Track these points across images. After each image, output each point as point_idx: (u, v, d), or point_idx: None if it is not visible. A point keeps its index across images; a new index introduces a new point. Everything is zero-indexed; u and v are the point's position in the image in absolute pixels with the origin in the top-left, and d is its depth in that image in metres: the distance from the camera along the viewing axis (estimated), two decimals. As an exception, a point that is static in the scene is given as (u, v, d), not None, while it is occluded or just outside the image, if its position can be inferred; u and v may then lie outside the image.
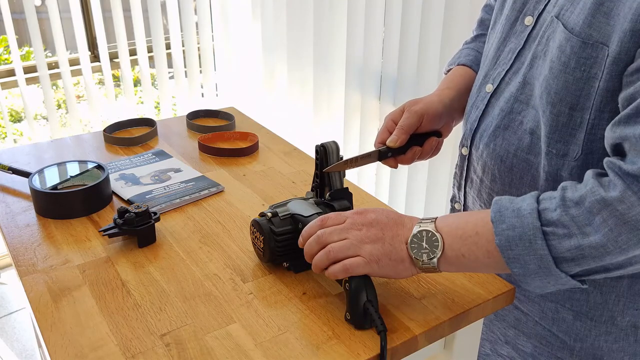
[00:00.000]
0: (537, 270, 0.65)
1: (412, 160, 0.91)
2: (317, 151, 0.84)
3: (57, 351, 0.68)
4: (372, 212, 0.73)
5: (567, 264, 0.65)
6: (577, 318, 0.84)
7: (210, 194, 1.05)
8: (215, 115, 1.42)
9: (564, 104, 0.73)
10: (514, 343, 0.92)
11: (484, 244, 0.68)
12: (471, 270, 0.71)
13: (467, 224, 0.69)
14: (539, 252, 0.65)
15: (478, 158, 0.88)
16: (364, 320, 0.71)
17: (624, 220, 0.61)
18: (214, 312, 0.75)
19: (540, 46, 0.78)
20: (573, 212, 0.64)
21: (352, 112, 2.13)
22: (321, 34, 2.15)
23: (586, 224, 0.63)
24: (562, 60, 0.72)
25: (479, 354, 0.98)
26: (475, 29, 1.05)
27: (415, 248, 0.70)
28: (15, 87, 2.42)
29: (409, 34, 1.78)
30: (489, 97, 0.86)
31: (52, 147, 1.24)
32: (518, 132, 0.81)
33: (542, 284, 0.67)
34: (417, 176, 1.92)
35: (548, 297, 0.86)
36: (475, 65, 0.98)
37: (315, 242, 0.72)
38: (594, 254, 0.63)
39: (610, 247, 0.62)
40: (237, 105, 2.68)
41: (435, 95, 0.93)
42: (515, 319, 0.91)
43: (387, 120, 0.91)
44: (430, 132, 0.91)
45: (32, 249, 0.88)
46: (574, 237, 0.64)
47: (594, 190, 0.64)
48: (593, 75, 0.70)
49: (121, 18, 2.45)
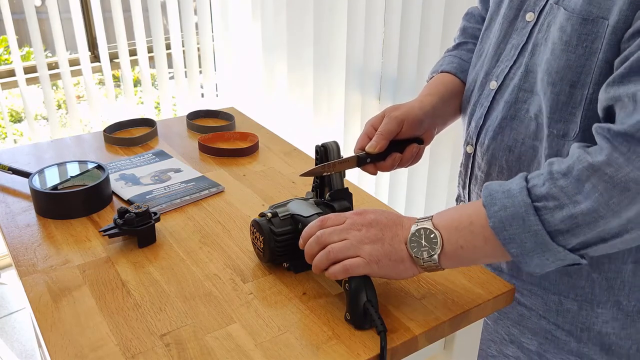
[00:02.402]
0: (534, 248, 0.65)
1: (392, 167, 0.90)
2: (317, 151, 0.84)
3: (57, 351, 0.68)
4: (371, 212, 0.73)
5: (563, 237, 0.65)
6: (582, 307, 0.84)
7: (211, 194, 1.05)
8: (216, 115, 1.42)
9: (565, 82, 0.74)
10: (519, 342, 0.92)
11: (479, 231, 0.68)
12: (472, 262, 0.71)
13: (461, 215, 0.70)
14: (533, 229, 0.65)
15: (483, 154, 0.88)
16: (363, 321, 0.71)
17: (613, 184, 0.62)
18: (214, 312, 0.75)
19: (541, 34, 0.79)
20: (561, 183, 0.64)
21: (352, 112, 2.13)
22: (321, 34, 2.15)
23: (576, 193, 0.63)
24: (564, 40, 0.73)
25: (485, 355, 0.98)
26: (457, 37, 1.05)
27: (415, 247, 0.70)
28: (16, 88, 2.42)
29: (409, 34, 1.78)
30: (494, 94, 0.86)
31: (52, 147, 1.24)
32: (525, 121, 0.82)
33: (541, 262, 0.67)
34: (417, 176, 1.92)
35: (551, 290, 0.86)
36: (459, 72, 0.99)
37: (315, 243, 0.72)
38: (587, 221, 0.63)
39: (602, 211, 0.62)
40: (237, 105, 2.68)
41: (417, 102, 0.93)
42: (519, 315, 0.91)
43: (367, 126, 0.90)
44: (411, 139, 0.90)
45: (32, 249, 0.88)
46: (565, 207, 0.64)
47: (581, 159, 0.64)
48: (594, 50, 0.71)
49: (121, 18, 2.45)
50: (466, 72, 0.98)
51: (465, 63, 0.99)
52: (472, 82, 0.94)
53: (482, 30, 0.96)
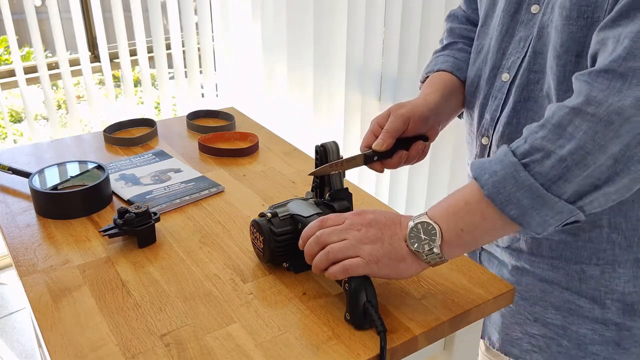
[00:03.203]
0: (532, 204, 0.66)
1: (399, 164, 0.91)
2: (317, 151, 0.84)
3: (57, 351, 0.68)
4: (370, 212, 0.73)
5: (556, 185, 0.65)
6: (604, 271, 0.85)
7: (211, 194, 1.05)
8: (216, 115, 1.42)
9: (570, 54, 0.75)
10: (544, 319, 0.93)
11: (476, 207, 0.68)
12: (476, 243, 0.71)
13: (455, 200, 0.71)
14: (526, 184, 0.65)
15: (498, 141, 0.89)
16: (363, 321, 0.71)
17: (596, 120, 0.63)
18: (214, 312, 0.75)
19: (546, 16, 0.80)
20: (541, 134, 0.66)
21: (352, 112, 2.13)
22: (321, 34, 2.15)
23: (558, 138, 0.65)
24: (564, 15, 0.74)
25: (510, 340, 0.99)
26: (445, 38, 1.06)
27: (414, 242, 0.70)
28: (16, 88, 2.42)
29: (409, 34, 1.78)
30: (509, 85, 0.87)
31: (52, 148, 1.24)
32: (539, 100, 0.83)
33: (541, 219, 0.67)
34: (418, 176, 1.92)
35: (573, 259, 0.87)
36: (455, 70, 0.99)
37: (315, 243, 0.73)
38: (576, 160, 0.64)
39: (589, 146, 0.63)
40: (237, 105, 2.68)
41: (421, 99, 0.94)
42: (541, 292, 0.92)
43: (373, 123, 0.91)
44: (416, 136, 0.91)
45: (32, 249, 0.88)
46: (552, 153, 0.65)
47: (559, 107, 0.66)
48: (596, 19, 0.72)
49: (121, 18, 2.45)
50: (462, 70, 0.99)
51: (460, 61, 1.00)
52: (476, 78, 0.94)
53: (472, 29, 0.98)
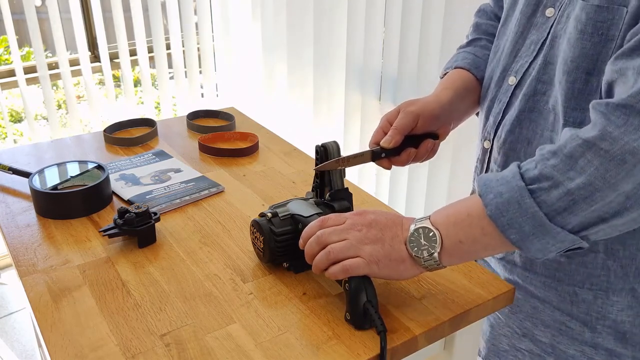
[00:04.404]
0: (533, 231, 0.65)
1: (407, 162, 0.90)
2: (317, 151, 0.84)
3: (57, 351, 0.68)
4: (371, 213, 0.73)
5: (561, 216, 0.64)
6: (597, 297, 0.84)
7: (211, 194, 1.05)
8: (216, 115, 1.42)
9: (581, 70, 0.74)
10: (532, 335, 0.92)
11: (477, 223, 0.68)
12: (474, 256, 0.71)
13: (458, 210, 0.70)
14: (529, 211, 0.64)
15: (500, 148, 0.88)
16: (363, 321, 0.71)
17: (609, 158, 0.61)
18: (214, 312, 0.75)
19: (560, 25, 0.79)
20: (552, 162, 0.64)
21: (352, 112, 2.13)
22: (321, 34, 2.15)
23: (568, 169, 0.63)
24: (579, 29, 0.73)
25: (497, 351, 0.98)
26: (470, 34, 1.05)
27: (414, 246, 0.70)
28: (16, 88, 2.42)
29: (409, 34, 1.78)
30: (513, 89, 0.86)
31: (52, 148, 1.24)
32: (544, 112, 0.81)
33: (541, 246, 0.66)
34: (418, 176, 1.92)
35: (565, 281, 0.86)
36: (473, 68, 0.98)
37: (315, 243, 0.72)
38: (584, 195, 0.62)
39: (598, 183, 0.62)
40: (237, 105, 2.68)
41: (433, 96, 0.93)
42: (532, 308, 0.91)
43: (383, 120, 0.90)
44: (426, 134, 0.90)
45: (32, 249, 0.88)
46: (560, 185, 0.63)
47: (573, 137, 0.64)
48: (611, 37, 0.71)
49: (121, 18, 2.45)
50: (480, 69, 0.98)
51: (480, 59, 0.99)
52: (489, 79, 0.94)
53: (498, 26, 0.96)
